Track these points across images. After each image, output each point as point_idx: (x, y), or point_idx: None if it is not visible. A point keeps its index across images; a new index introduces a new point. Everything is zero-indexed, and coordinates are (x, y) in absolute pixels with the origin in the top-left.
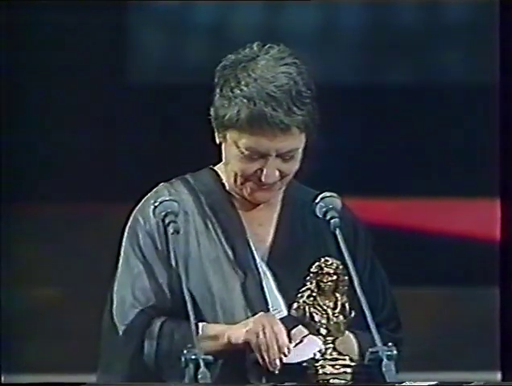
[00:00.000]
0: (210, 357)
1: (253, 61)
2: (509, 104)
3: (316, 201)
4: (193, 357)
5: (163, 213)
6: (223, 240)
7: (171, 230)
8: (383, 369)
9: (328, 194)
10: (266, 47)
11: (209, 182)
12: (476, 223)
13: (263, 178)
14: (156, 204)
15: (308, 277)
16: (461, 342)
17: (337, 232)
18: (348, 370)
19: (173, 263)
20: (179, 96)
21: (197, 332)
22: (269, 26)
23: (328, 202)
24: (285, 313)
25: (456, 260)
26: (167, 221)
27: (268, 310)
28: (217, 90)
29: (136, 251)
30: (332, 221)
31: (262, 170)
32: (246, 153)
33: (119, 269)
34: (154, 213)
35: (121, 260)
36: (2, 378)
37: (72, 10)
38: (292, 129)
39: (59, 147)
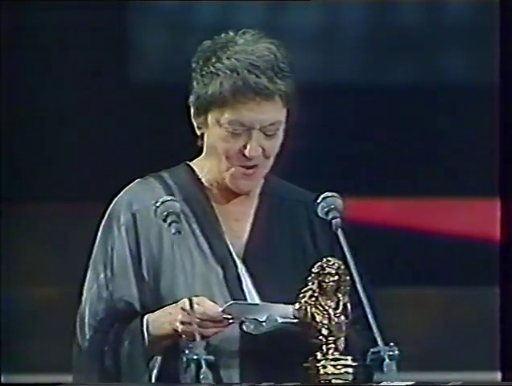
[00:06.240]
0: (212, 357)
1: (231, 42)
2: (510, 104)
3: (318, 201)
4: (195, 357)
5: (165, 213)
6: (198, 233)
7: (172, 230)
8: (385, 369)
9: (329, 194)
10: (241, 32)
11: (184, 177)
12: (476, 223)
13: (247, 153)
14: (158, 204)
15: (310, 277)
16: (461, 342)
17: (339, 232)
18: (350, 370)
19: (144, 264)
20: (180, 95)
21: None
22: (269, 26)
23: (330, 202)
24: None
25: (456, 260)
26: (168, 221)
27: None
28: (198, 72)
29: (107, 256)
30: (333, 221)
31: (245, 147)
32: (230, 128)
33: (88, 271)
34: (155, 213)
35: (91, 262)
36: (2, 378)
37: (73, 9)
38: (275, 98)
39: (60, 147)
